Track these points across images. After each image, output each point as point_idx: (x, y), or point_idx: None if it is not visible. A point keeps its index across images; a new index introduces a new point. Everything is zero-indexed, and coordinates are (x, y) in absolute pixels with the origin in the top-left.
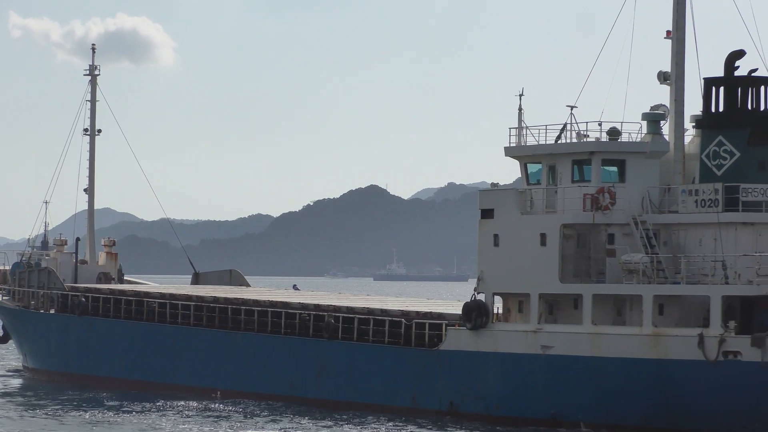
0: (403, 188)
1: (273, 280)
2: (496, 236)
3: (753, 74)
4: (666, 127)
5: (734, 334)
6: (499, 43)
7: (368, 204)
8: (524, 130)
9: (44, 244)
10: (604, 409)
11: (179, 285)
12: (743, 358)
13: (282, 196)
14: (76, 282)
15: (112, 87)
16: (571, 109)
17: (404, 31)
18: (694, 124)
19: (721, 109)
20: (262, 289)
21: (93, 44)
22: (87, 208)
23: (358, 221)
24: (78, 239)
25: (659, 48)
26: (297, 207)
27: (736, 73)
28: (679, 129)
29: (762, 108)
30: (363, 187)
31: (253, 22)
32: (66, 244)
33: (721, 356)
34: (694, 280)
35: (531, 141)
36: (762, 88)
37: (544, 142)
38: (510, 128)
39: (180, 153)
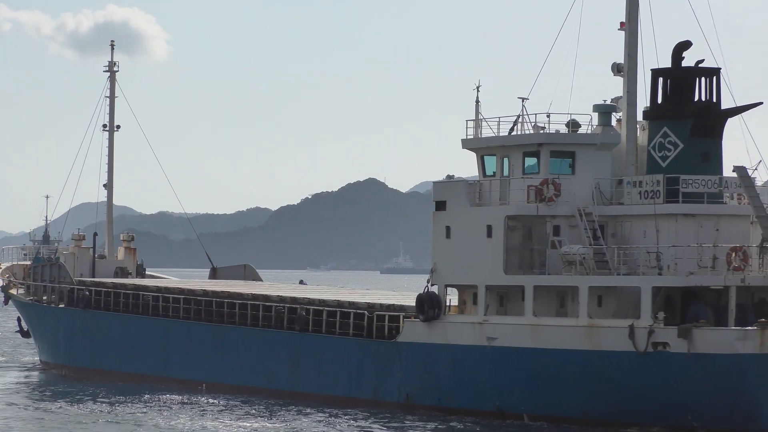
0: (402, 181)
1: (275, 274)
2: (448, 228)
3: (699, 65)
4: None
5: (663, 325)
6: (499, 38)
7: (367, 197)
8: (482, 123)
9: (45, 238)
10: (545, 402)
11: (192, 280)
12: (671, 350)
13: (280, 190)
14: (93, 277)
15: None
16: (523, 101)
17: (403, 24)
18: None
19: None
20: (266, 284)
21: (112, 41)
22: (101, 203)
23: (357, 214)
24: (95, 234)
25: (615, 40)
26: (295, 200)
27: (683, 64)
28: (631, 120)
29: (706, 99)
30: (361, 180)
31: (248, 12)
32: (84, 239)
33: (650, 347)
34: (631, 271)
35: (488, 133)
36: (706, 79)
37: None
38: (467, 120)
39: (177, 146)
